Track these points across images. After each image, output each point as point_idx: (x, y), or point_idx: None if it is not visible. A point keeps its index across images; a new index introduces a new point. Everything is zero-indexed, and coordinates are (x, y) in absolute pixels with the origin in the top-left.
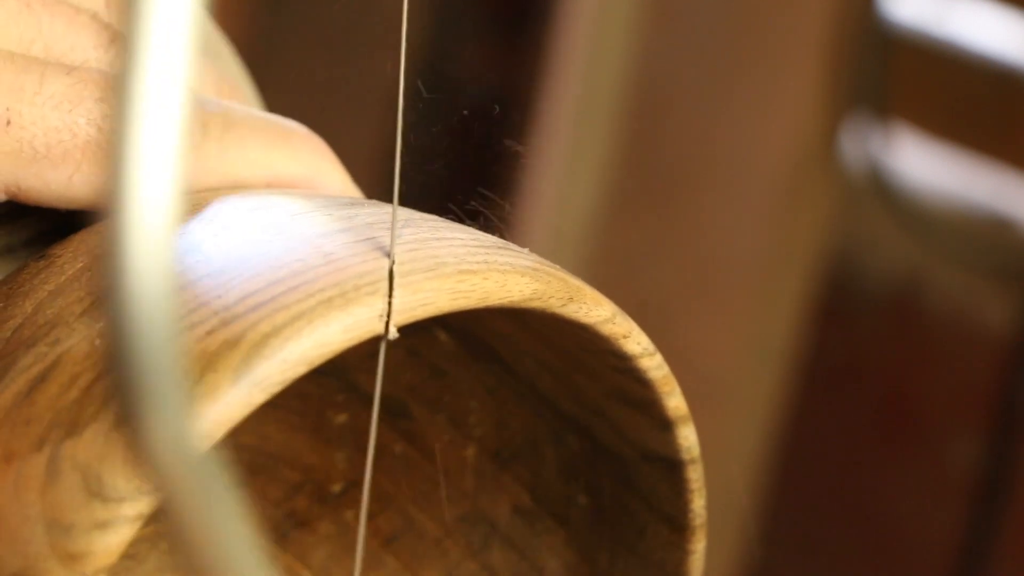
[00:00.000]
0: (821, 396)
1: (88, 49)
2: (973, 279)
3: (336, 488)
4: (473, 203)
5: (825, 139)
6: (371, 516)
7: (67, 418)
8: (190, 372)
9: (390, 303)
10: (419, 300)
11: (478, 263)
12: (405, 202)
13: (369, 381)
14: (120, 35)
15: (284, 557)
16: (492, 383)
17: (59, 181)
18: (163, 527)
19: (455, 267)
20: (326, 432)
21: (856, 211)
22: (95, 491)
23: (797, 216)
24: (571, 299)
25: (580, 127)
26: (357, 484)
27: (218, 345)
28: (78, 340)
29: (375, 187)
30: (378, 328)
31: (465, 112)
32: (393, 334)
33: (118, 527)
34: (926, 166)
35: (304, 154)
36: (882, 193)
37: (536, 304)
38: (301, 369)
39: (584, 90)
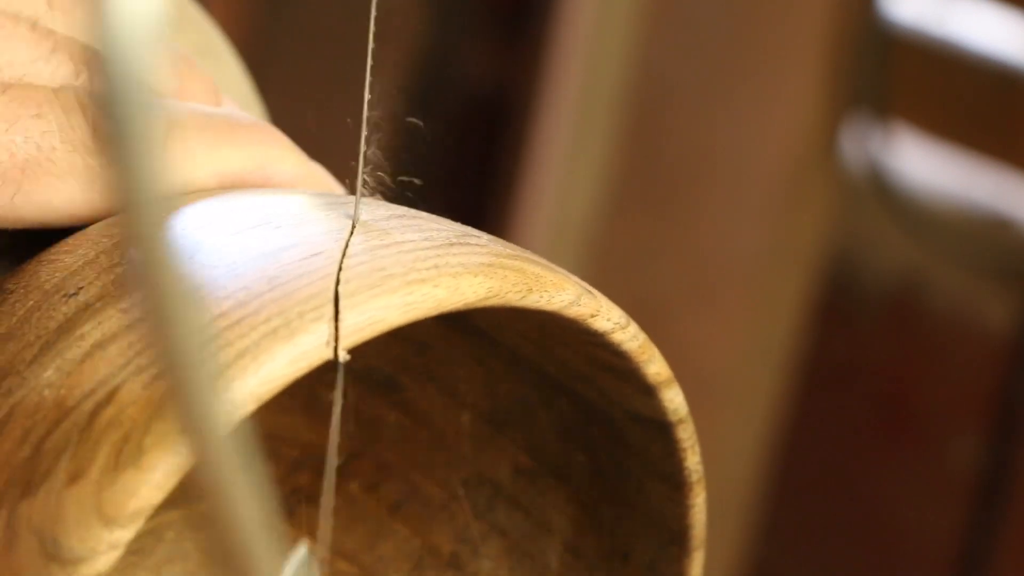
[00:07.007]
0: (821, 396)
1: (26, 64)
2: (973, 279)
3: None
4: (472, 202)
5: (825, 139)
6: (374, 486)
7: (22, 476)
8: (139, 420)
9: (337, 327)
10: (367, 320)
11: (428, 269)
12: (404, 203)
13: (356, 356)
14: (64, 41)
15: (293, 532)
16: (478, 353)
17: (0, 203)
18: (166, 519)
19: (403, 279)
20: (318, 409)
21: (856, 211)
22: (52, 554)
23: (797, 216)
24: (530, 290)
25: (580, 127)
26: (357, 456)
27: (164, 391)
28: (28, 391)
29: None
30: (327, 354)
31: (465, 111)
32: (344, 357)
33: None
34: (926, 166)
35: (251, 146)
36: (882, 193)
37: (494, 302)
38: (250, 407)
39: (584, 90)
